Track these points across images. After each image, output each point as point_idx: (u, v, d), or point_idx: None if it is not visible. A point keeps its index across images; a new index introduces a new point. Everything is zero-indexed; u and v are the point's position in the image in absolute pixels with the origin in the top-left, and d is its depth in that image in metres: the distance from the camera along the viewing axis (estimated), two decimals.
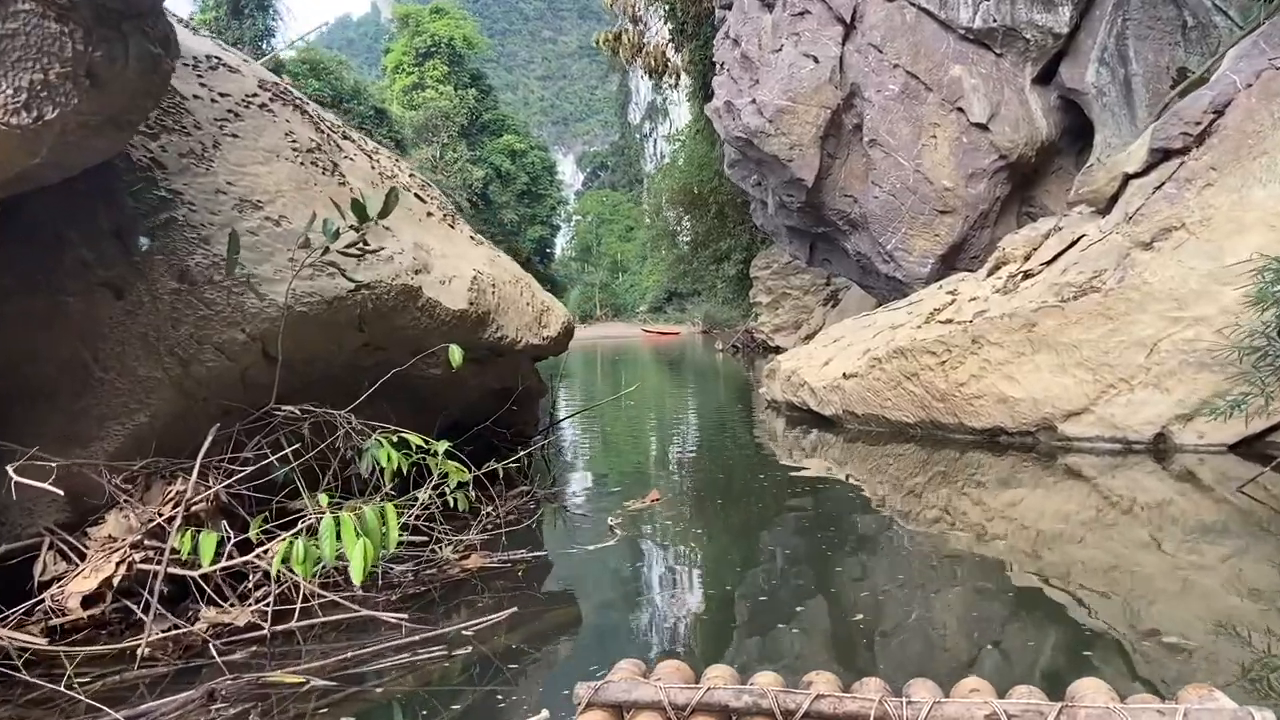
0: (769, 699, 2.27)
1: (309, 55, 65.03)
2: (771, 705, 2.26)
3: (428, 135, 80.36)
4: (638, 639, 3.60)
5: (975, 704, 2.20)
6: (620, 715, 2.38)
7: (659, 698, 2.32)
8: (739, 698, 2.31)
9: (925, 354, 8.49)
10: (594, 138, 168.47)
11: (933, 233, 14.30)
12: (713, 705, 2.32)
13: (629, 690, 2.38)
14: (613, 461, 9.06)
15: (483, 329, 5.38)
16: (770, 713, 2.26)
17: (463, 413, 6.08)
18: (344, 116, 59.15)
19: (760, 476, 7.69)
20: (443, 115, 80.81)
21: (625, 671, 2.52)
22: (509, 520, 5.31)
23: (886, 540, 5.65)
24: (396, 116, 72.47)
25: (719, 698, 2.32)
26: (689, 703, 2.31)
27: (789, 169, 14.66)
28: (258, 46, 59.55)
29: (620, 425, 12.56)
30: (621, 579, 4.41)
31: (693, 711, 2.32)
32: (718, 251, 35.26)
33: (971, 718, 2.17)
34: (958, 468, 7.62)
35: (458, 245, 5.67)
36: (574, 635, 3.67)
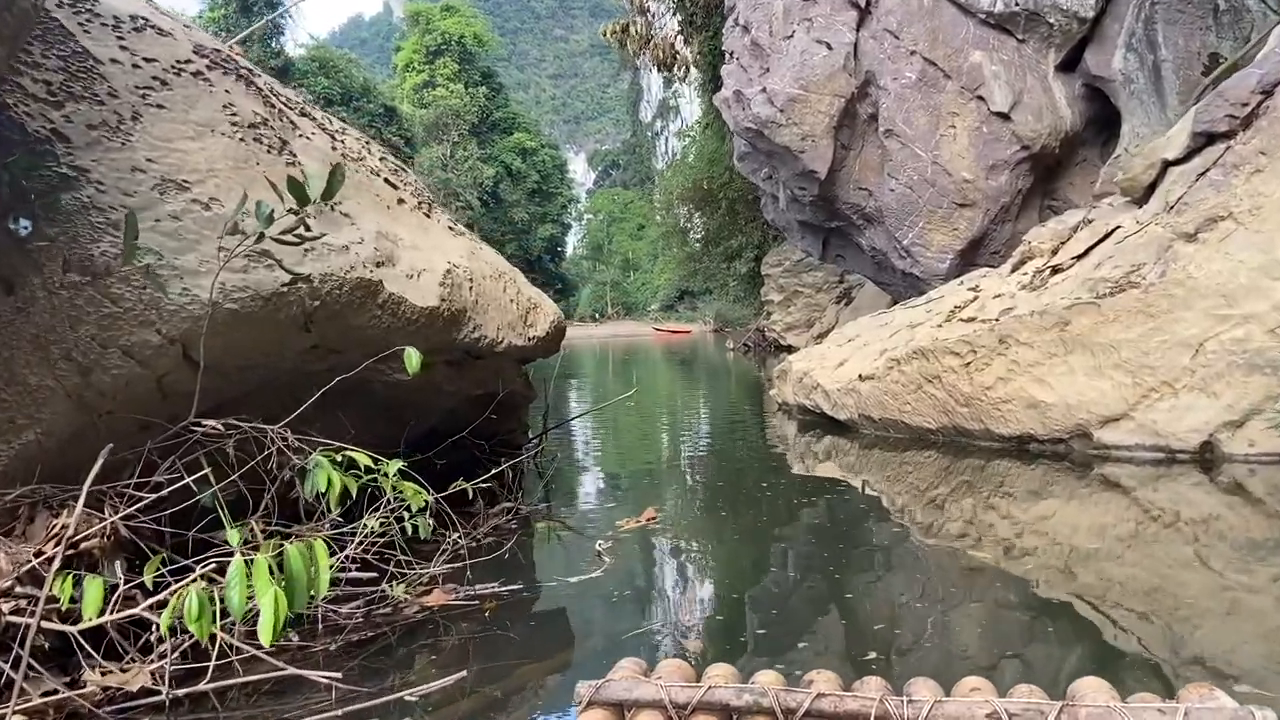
0: (770, 698, 2.27)
1: (318, 53, 64.91)
2: (772, 704, 2.26)
3: (438, 134, 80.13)
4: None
5: (976, 703, 2.19)
6: (621, 714, 2.37)
7: (660, 696, 2.32)
8: (740, 696, 2.31)
9: (948, 355, 7.88)
10: (605, 136, 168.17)
11: (951, 227, 13.69)
12: (714, 704, 2.32)
13: (630, 689, 2.37)
14: (613, 470, 8.48)
15: (457, 328, 4.81)
16: (771, 711, 2.26)
17: (440, 421, 5.53)
18: (353, 115, 59.09)
19: (769, 487, 7.11)
20: (453, 113, 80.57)
21: (626, 670, 2.50)
22: (488, 544, 4.76)
23: (905, 555, 5.14)
24: (407, 115, 72.30)
25: (720, 696, 2.31)
26: (690, 701, 2.31)
27: (801, 160, 14.04)
28: (266, 44, 59.45)
29: (626, 428, 11.99)
30: (601, 620, 3.84)
31: (694, 710, 2.32)
32: (729, 249, 34.70)
33: (972, 717, 2.15)
34: (983, 477, 7.05)
35: (432, 236, 5.11)
36: (537, 696, 3.09)
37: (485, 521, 4.98)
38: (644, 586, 4.26)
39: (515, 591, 3.96)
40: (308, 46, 66.96)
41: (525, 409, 6.63)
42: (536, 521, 5.37)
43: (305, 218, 3.39)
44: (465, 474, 5.43)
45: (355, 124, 36.92)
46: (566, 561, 4.61)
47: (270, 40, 60.02)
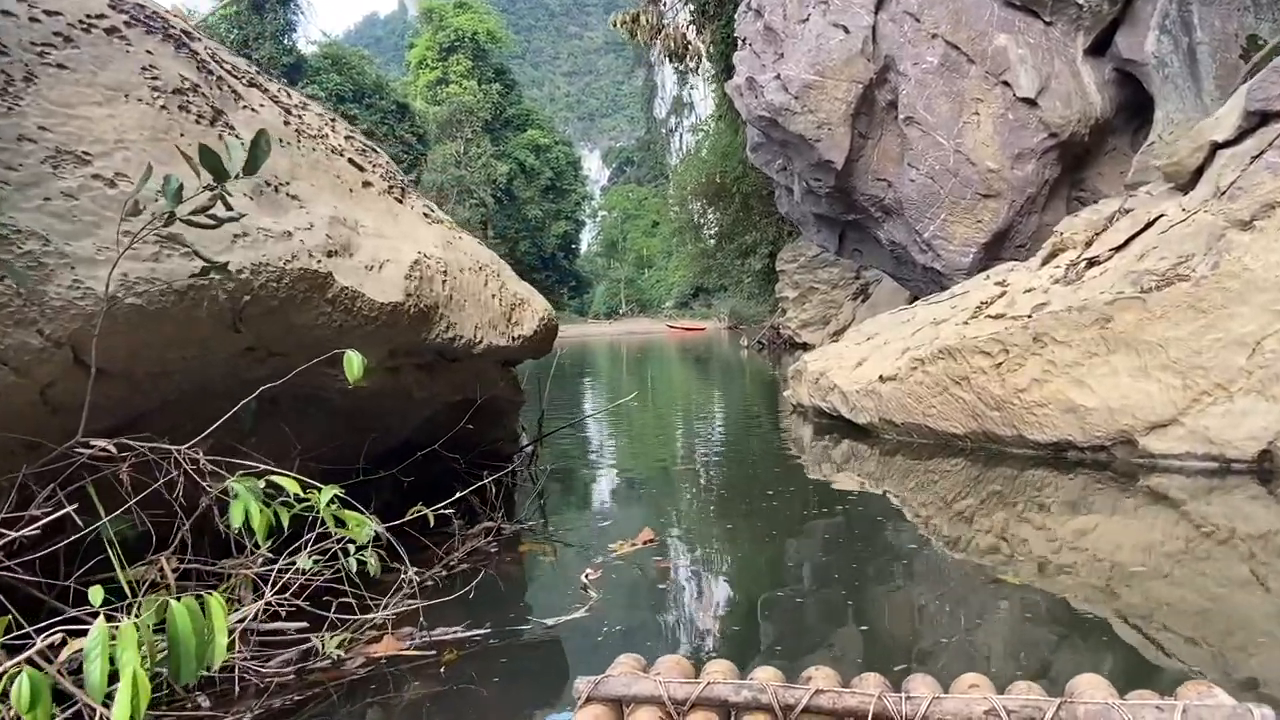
0: (768, 694, 2.26)
1: (331, 50, 64.65)
2: (771, 700, 2.25)
3: (451, 130, 79.83)
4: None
5: (974, 700, 2.18)
6: (620, 710, 2.35)
7: (658, 692, 2.31)
8: (738, 693, 2.30)
9: (977, 354, 7.26)
10: (620, 133, 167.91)
11: (975, 219, 13.04)
12: (712, 700, 2.31)
13: (629, 685, 2.36)
14: (617, 477, 7.88)
15: (427, 327, 4.24)
16: (769, 707, 2.25)
17: (417, 431, 4.97)
18: (366, 112, 58.76)
19: (781, 497, 6.52)
20: (466, 110, 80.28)
21: (625, 666, 2.49)
22: (462, 572, 4.20)
23: (931, 574, 4.63)
24: (420, 112, 72.00)
25: (718, 692, 2.31)
26: (688, 697, 2.30)
27: (816, 150, 13.42)
28: (279, 41, 59.20)
29: (636, 430, 11.42)
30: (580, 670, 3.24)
31: (692, 706, 2.31)
32: (743, 245, 34.18)
33: (970, 713, 2.15)
34: (1016, 488, 6.45)
35: (402, 223, 4.54)
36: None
37: (461, 546, 4.41)
38: (633, 627, 3.64)
39: (480, 637, 3.37)
40: (320, 44, 66.73)
41: (514, 415, 6.04)
42: (522, 544, 4.77)
43: (223, 195, 2.82)
44: (444, 490, 4.88)
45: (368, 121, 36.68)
46: (547, 595, 4.02)
47: (282, 37, 59.86)
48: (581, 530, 5.44)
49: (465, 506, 4.94)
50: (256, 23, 57.82)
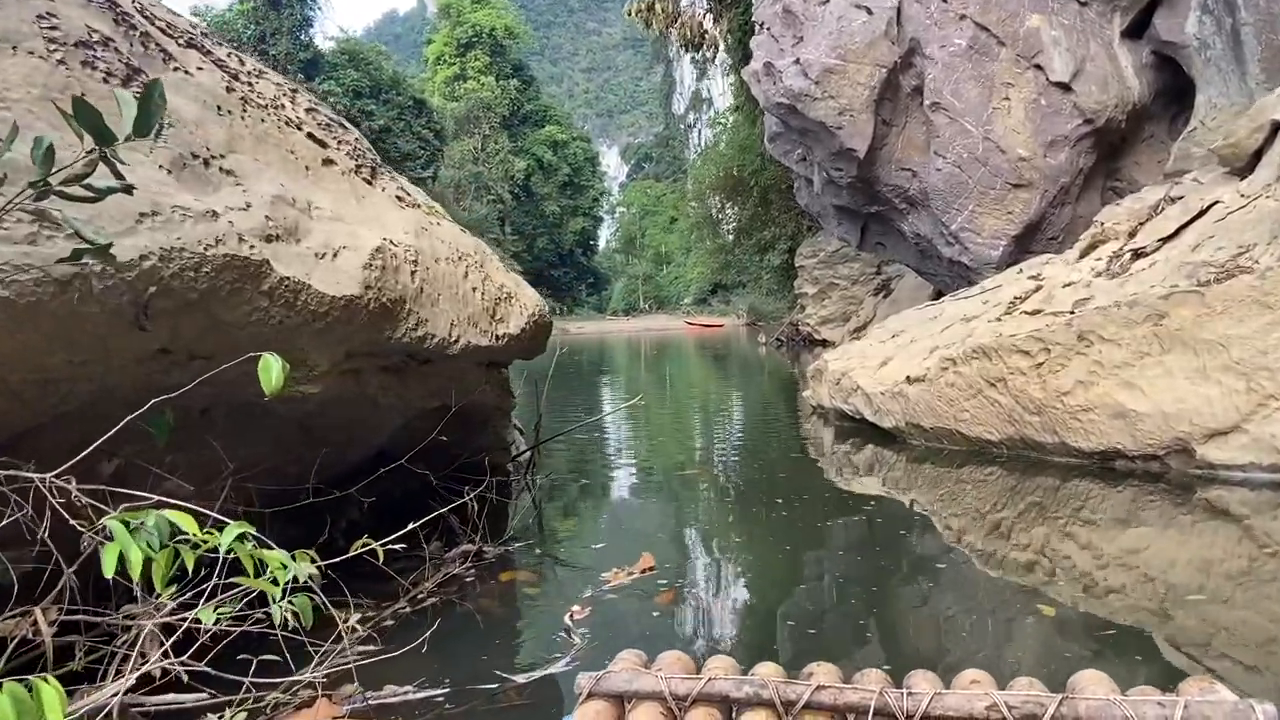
0: (770, 689, 2.23)
1: (348, 46, 64.36)
2: (772, 696, 2.22)
3: (469, 127, 79.53)
4: None
5: (975, 695, 2.16)
6: (621, 705, 2.32)
7: (660, 688, 2.29)
8: (740, 688, 2.27)
9: (1015, 354, 6.64)
10: (639, 130, 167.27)
11: (1005, 210, 12.38)
12: (714, 695, 2.28)
13: (630, 680, 2.34)
14: (620, 489, 7.27)
15: (391, 324, 3.69)
16: (771, 703, 2.22)
17: (391, 441, 4.42)
18: (383, 107, 58.46)
19: (801, 511, 5.93)
20: (484, 106, 79.94)
21: (627, 662, 2.47)
22: (431, 607, 3.65)
23: (966, 594, 4.19)
24: (437, 108, 71.67)
25: (720, 688, 2.28)
26: (690, 693, 2.28)
27: (838, 138, 12.78)
28: (296, 37, 58.95)
29: (645, 433, 10.85)
30: None
31: (694, 702, 2.28)
32: (761, 240, 33.68)
33: (972, 709, 2.13)
34: (1058, 499, 5.86)
35: (368, 206, 3.99)
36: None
37: (431, 575, 3.85)
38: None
39: (434, 700, 2.80)
40: (337, 39, 66.47)
41: (503, 421, 5.46)
42: (503, 572, 4.19)
43: (109, 161, 2.27)
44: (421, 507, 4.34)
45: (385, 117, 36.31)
46: (522, 639, 3.44)
47: (299, 33, 59.58)
48: (576, 552, 4.88)
49: (444, 527, 4.40)
50: (273, 18, 57.57)
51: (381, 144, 58.57)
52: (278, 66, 53.14)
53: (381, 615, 3.41)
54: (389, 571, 3.54)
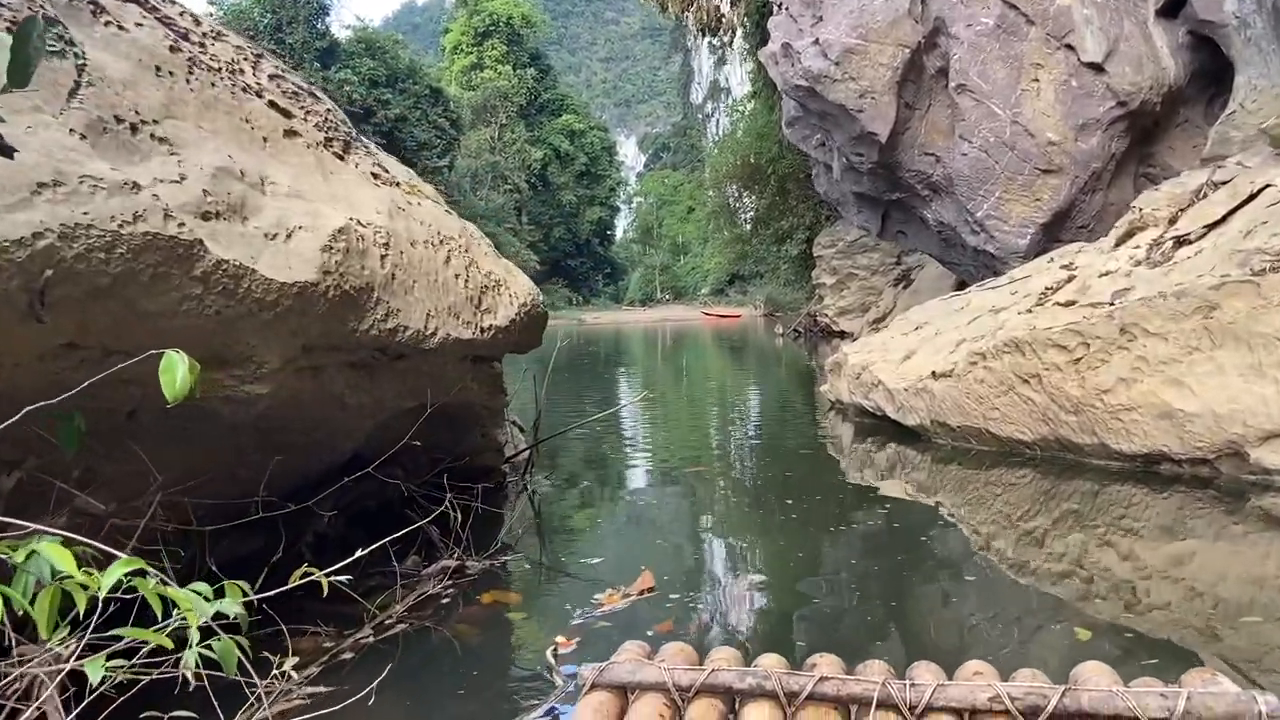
0: (773, 680, 2.21)
1: (364, 34, 64.02)
2: (775, 687, 2.20)
3: (486, 116, 79.15)
4: None
5: (978, 686, 2.15)
6: (625, 696, 2.30)
7: (663, 679, 2.26)
8: (743, 679, 2.24)
9: (1051, 348, 6.16)
10: (656, 119, 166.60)
11: (1033, 197, 11.86)
12: (717, 687, 2.25)
13: (634, 671, 2.31)
14: (625, 492, 6.80)
15: (356, 315, 3.27)
16: (774, 694, 2.20)
17: (369, 444, 4.00)
18: (399, 96, 58.15)
19: (819, 517, 5.50)
20: (501, 95, 79.52)
21: (630, 653, 2.44)
22: (401, 634, 3.24)
23: (993, 607, 3.86)
24: (454, 97, 71.29)
25: (723, 679, 2.25)
26: (693, 684, 2.25)
27: (858, 121, 12.28)
28: (312, 25, 58.64)
29: (657, 428, 10.42)
30: None
31: (697, 693, 2.25)
32: (779, 230, 33.19)
33: (974, 700, 2.11)
34: (1096, 506, 5.41)
35: (336, 183, 3.57)
36: None
37: (403, 598, 3.44)
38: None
39: None
40: (354, 28, 66.14)
41: (494, 421, 5.02)
42: (487, 592, 3.74)
43: None
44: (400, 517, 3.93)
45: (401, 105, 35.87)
46: (501, 676, 3.00)
47: (315, 21, 59.24)
48: (571, 566, 4.43)
49: (423, 540, 3.99)
50: (289, 6, 57.24)
51: (398, 133, 58.34)
52: (294, 55, 52.94)
53: (340, 646, 3.00)
54: (354, 595, 3.13)
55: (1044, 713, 2.07)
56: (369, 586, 3.72)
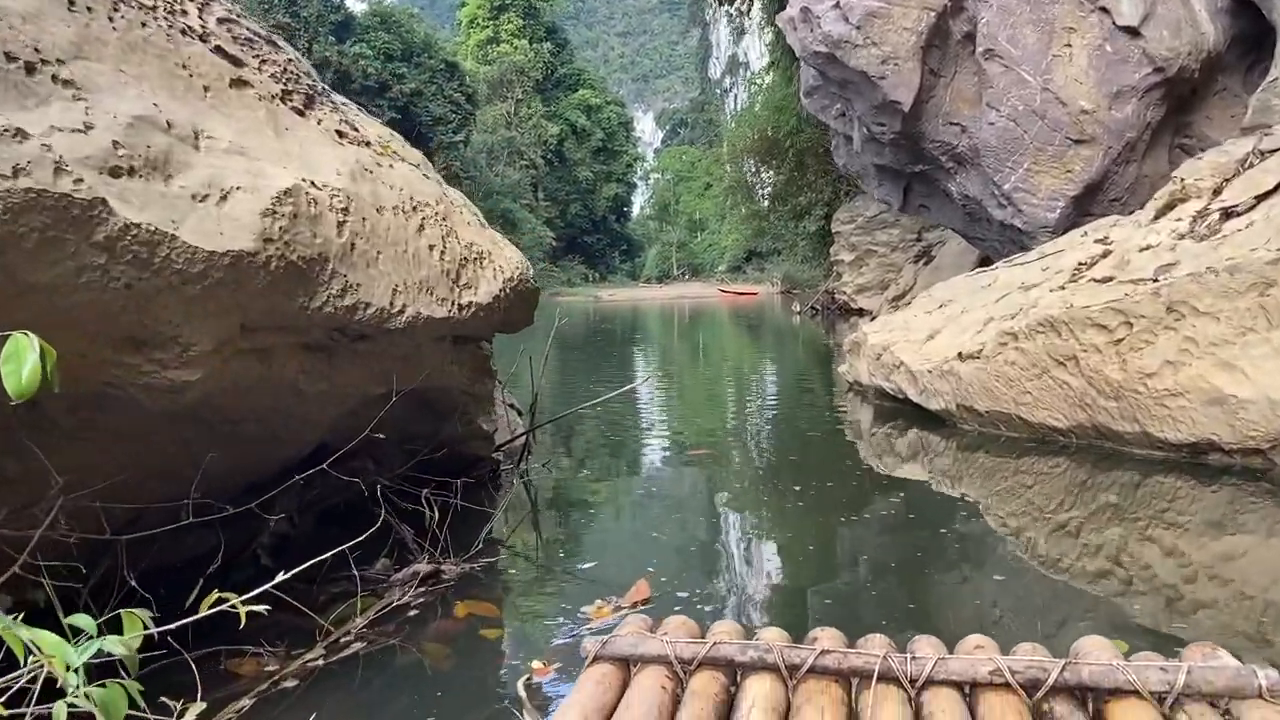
0: (775, 653, 2.21)
1: (379, 8, 63.40)
2: (777, 660, 2.19)
3: (502, 91, 78.47)
4: None
5: (979, 660, 2.13)
6: (627, 669, 2.28)
7: (665, 651, 2.25)
8: (745, 652, 2.23)
9: (1090, 328, 5.69)
10: (674, 94, 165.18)
11: (1064, 168, 11.29)
12: (719, 659, 2.24)
13: (636, 644, 2.29)
14: (628, 480, 6.38)
15: (305, 290, 2.84)
16: (775, 667, 2.19)
17: (334, 434, 3.60)
18: (414, 70, 57.63)
19: (833, 508, 5.08)
20: (517, 70, 78.79)
21: (633, 626, 2.44)
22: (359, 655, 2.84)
23: (1020, 598, 3.62)
24: (470, 72, 70.64)
25: (725, 652, 2.24)
26: (695, 657, 2.23)
27: (880, 89, 11.72)
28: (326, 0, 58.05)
29: (670, 408, 10.01)
30: None
31: (699, 665, 2.23)
32: (797, 206, 32.64)
33: (975, 674, 2.09)
34: (1138, 498, 4.99)
35: (290, 140, 3.14)
36: None
37: (363, 610, 3.03)
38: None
39: None
40: (369, 1, 65.57)
41: (481, 407, 4.57)
42: (461, 602, 3.29)
43: None
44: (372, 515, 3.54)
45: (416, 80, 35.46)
46: (464, 711, 2.60)
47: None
48: (563, 566, 4.01)
49: (395, 541, 3.60)
50: None
51: (413, 108, 57.87)
52: (309, 28, 52.41)
53: (283, 672, 2.60)
54: (303, 609, 2.74)
55: (1044, 685, 2.05)
56: (333, 594, 3.33)
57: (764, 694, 2.12)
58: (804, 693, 2.14)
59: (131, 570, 2.60)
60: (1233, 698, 1.99)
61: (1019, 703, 2.04)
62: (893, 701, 2.08)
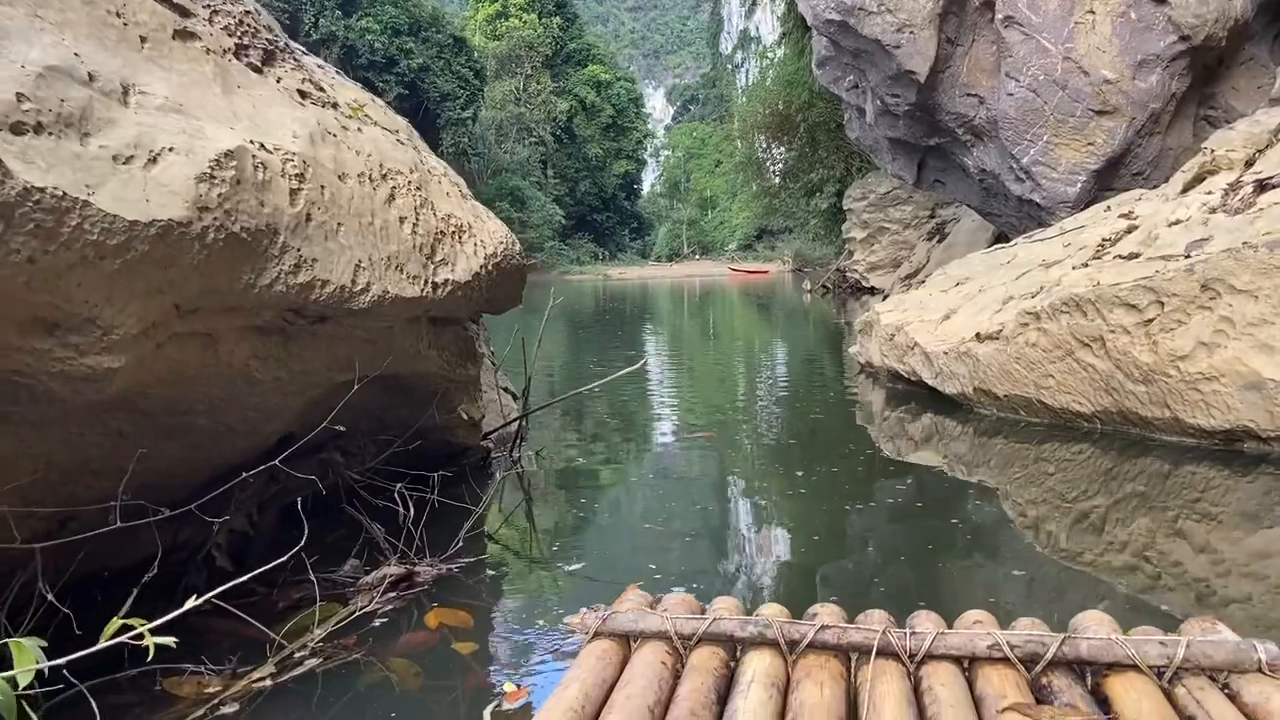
0: (774, 629, 2.20)
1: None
2: (777, 635, 2.19)
3: (510, 66, 77.75)
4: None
5: (978, 634, 2.11)
6: (627, 644, 2.27)
7: (665, 627, 2.24)
8: (744, 628, 2.22)
9: (1118, 308, 5.35)
10: (685, 70, 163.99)
11: (1085, 140, 10.90)
12: (719, 635, 2.23)
13: (636, 620, 2.29)
14: (628, 467, 6.03)
15: (251, 265, 2.53)
16: (775, 643, 2.19)
17: (303, 424, 3.29)
18: (421, 45, 57.08)
19: (843, 498, 4.77)
20: (526, 45, 78.00)
21: (633, 602, 2.43)
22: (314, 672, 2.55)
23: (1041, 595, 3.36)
24: (478, 47, 69.94)
25: (725, 628, 2.23)
26: (695, 632, 2.23)
27: (895, 58, 11.31)
28: None
29: (678, 390, 9.71)
30: None
31: (699, 641, 2.23)
32: (808, 183, 32.27)
33: (974, 648, 2.09)
34: (1167, 488, 4.68)
35: (240, 99, 2.82)
36: None
37: (320, 620, 2.73)
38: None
39: None
40: None
41: (465, 393, 4.22)
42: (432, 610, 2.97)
43: None
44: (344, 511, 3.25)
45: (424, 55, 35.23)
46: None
47: None
48: (549, 567, 3.69)
49: (366, 540, 3.30)
50: None
51: (420, 83, 57.31)
52: (315, 2, 51.85)
53: (224, 695, 2.31)
54: (247, 619, 2.45)
55: (1043, 660, 2.04)
56: (298, 599, 3.04)
57: (764, 669, 2.10)
58: (803, 667, 2.11)
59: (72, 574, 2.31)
60: (1232, 671, 1.97)
61: (1017, 677, 2.02)
62: (891, 676, 2.04)
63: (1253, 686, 1.91)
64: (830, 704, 1.95)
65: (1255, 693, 1.89)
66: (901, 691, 1.97)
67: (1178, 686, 1.95)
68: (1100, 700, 1.97)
